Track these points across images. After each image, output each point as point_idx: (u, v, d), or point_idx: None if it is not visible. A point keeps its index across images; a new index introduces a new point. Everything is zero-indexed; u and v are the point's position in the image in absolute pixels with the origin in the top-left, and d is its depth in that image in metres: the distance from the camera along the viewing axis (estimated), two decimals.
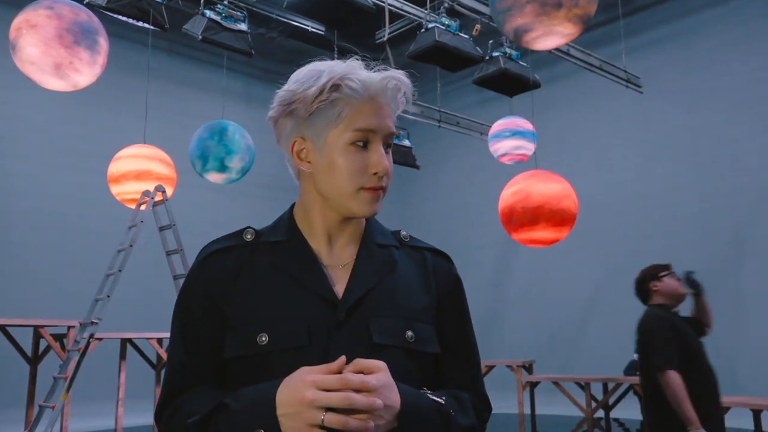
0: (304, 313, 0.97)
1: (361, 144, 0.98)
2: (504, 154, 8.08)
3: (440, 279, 1.09)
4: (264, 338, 0.95)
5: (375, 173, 0.98)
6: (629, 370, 9.19)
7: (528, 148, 8.06)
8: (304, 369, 0.87)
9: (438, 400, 0.96)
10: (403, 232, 1.13)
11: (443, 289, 1.09)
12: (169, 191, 6.47)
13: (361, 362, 0.89)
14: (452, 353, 1.07)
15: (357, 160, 0.98)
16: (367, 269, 1.03)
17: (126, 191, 6.45)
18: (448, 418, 0.95)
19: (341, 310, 0.97)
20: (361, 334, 0.97)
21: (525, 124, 8.02)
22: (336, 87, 0.97)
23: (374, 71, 1.02)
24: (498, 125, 8.10)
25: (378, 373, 0.88)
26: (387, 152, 1.01)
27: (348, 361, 0.89)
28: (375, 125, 0.98)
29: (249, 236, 1.06)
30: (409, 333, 1.00)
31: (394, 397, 0.88)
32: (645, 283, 3.35)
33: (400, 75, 1.02)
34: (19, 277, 9.59)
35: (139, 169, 6.39)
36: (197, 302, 1.02)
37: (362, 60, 1.03)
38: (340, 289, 1.00)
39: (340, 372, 0.87)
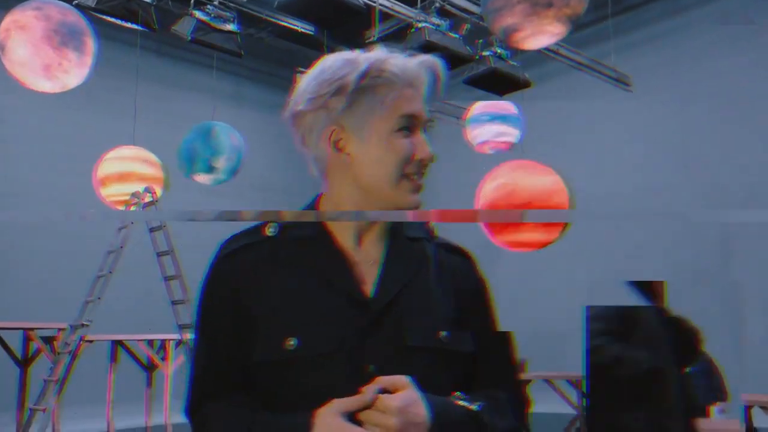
0: (332, 315, 0.92)
1: (405, 131, 0.95)
2: (483, 142, 7.10)
3: (462, 278, 1.04)
4: (292, 342, 0.90)
5: (420, 159, 0.96)
6: None
7: (511, 134, 7.02)
8: (334, 406, 0.85)
9: (471, 407, 0.92)
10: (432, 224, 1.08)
11: (468, 288, 1.04)
12: (159, 192, 6.41)
13: (383, 381, 0.86)
14: (485, 352, 1.01)
15: (403, 148, 0.95)
16: (398, 266, 0.97)
17: (111, 194, 6.36)
18: (483, 427, 0.92)
19: (373, 311, 0.92)
20: (393, 336, 0.92)
21: (508, 108, 7.07)
22: (378, 72, 0.94)
23: (405, 57, 0.98)
24: (477, 108, 7.11)
25: (402, 392, 0.85)
26: None
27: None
28: (418, 111, 0.96)
29: (272, 231, 0.99)
30: (443, 333, 0.95)
31: (421, 413, 0.85)
32: None
33: (434, 60, 0.99)
34: (8, 278, 9.53)
35: (121, 171, 6.30)
36: (219, 303, 0.97)
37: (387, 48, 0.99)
38: (369, 287, 0.95)
39: (369, 407, 0.84)
